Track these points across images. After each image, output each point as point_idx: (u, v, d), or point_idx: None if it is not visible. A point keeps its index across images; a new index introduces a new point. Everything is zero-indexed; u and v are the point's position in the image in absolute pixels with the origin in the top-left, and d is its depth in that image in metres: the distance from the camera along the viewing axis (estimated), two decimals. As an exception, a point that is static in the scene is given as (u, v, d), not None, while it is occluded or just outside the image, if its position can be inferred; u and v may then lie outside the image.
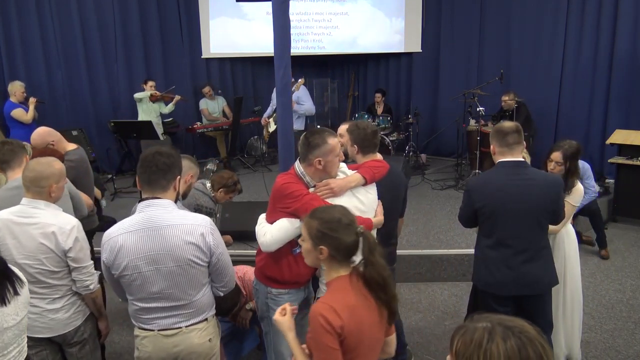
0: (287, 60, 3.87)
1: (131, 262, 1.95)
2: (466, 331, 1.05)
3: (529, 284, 2.55)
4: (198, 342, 2.08)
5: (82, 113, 7.34)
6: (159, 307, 2.02)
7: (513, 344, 0.99)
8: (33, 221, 2.21)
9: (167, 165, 2.00)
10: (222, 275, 2.12)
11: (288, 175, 2.29)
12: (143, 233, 1.95)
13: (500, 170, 2.58)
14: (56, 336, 2.32)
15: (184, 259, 1.97)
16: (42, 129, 3.41)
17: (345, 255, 1.64)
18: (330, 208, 1.73)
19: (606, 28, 6.55)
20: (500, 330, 1.02)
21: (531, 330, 1.04)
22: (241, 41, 8.54)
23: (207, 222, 2.05)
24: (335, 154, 2.23)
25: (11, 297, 1.64)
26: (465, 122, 6.98)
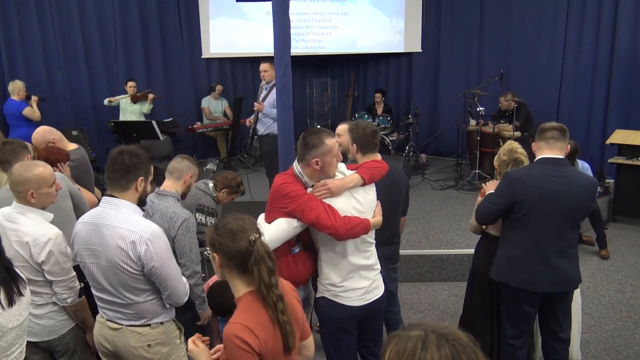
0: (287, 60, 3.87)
1: (79, 250, 2.05)
2: (399, 340, 1.00)
3: (564, 280, 2.56)
4: (134, 345, 2.07)
5: (82, 113, 7.34)
6: (105, 299, 2.08)
7: (447, 352, 0.96)
8: (14, 227, 2.16)
9: (127, 165, 2.00)
10: (161, 287, 2.06)
11: (286, 176, 2.29)
12: (90, 226, 2.02)
13: (540, 165, 2.58)
14: (42, 342, 2.28)
15: (113, 261, 1.98)
16: (42, 128, 3.41)
17: (238, 264, 1.55)
18: (231, 216, 1.62)
19: (606, 28, 6.55)
20: (434, 339, 0.98)
21: (464, 338, 1.00)
22: (241, 41, 8.54)
23: (148, 232, 1.96)
24: (332, 154, 2.22)
25: (17, 298, 1.64)
26: (465, 122, 6.98)
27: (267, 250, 1.55)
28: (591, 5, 6.68)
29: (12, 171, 2.21)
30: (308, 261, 2.36)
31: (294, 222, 2.18)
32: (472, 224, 3.02)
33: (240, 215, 1.62)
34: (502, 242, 2.69)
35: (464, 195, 6.32)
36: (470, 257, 4.28)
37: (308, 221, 2.16)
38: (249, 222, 1.59)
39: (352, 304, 2.29)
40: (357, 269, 2.29)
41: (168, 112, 7.55)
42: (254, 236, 1.55)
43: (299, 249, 2.33)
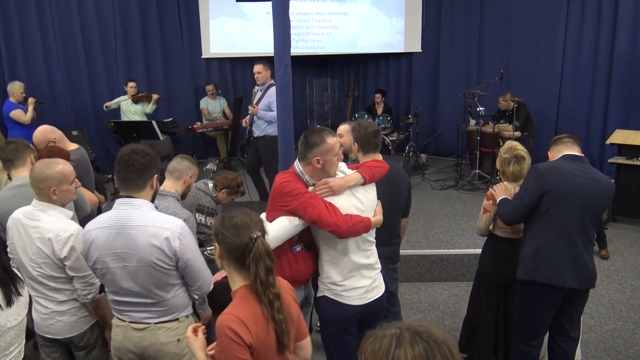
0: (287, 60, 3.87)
1: (100, 257, 1.98)
2: (375, 339, 1.02)
3: (586, 277, 2.57)
4: (164, 341, 2.07)
5: (82, 113, 7.34)
6: (130, 302, 2.04)
7: (421, 349, 0.98)
8: (35, 224, 2.19)
9: (143, 165, 1.99)
10: (193, 279, 2.09)
11: (287, 174, 2.29)
12: (112, 230, 1.97)
13: (566, 160, 2.60)
14: (64, 338, 2.31)
15: (147, 260, 1.95)
16: (43, 127, 3.41)
17: (236, 258, 1.57)
18: (239, 211, 1.64)
19: (606, 28, 6.55)
20: (408, 336, 1.00)
21: (438, 335, 1.02)
22: (241, 41, 8.54)
23: (177, 226, 2.00)
24: (334, 153, 2.23)
25: (15, 298, 1.65)
26: (465, 122, 6.98)
27: (267, 249, 1.55)
28: (591, 5, 6.68)
29: (34, 169, 2.23)
30: (309, 260, 2.37)
31: (295, 220, 2.19)
32: (480, 227, 3.01)
33: (248, 211, 1.63)
34: (526, 241, 2.66)
35: (464, 195, 6.32)
36: (471, 257, 4.30)
37: (310, 219, 2.17)
38: (254, 219, 1.60)
39: (353, 303, 2.30)
40: (358, 267, 2.30)
41: (168, 112, 7.55)
42: (256, 234, 1.55)
43: (300, 248, 2.34)
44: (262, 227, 1.60)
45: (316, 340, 3.53)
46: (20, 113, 5.76)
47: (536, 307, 2.64)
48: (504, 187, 2.86)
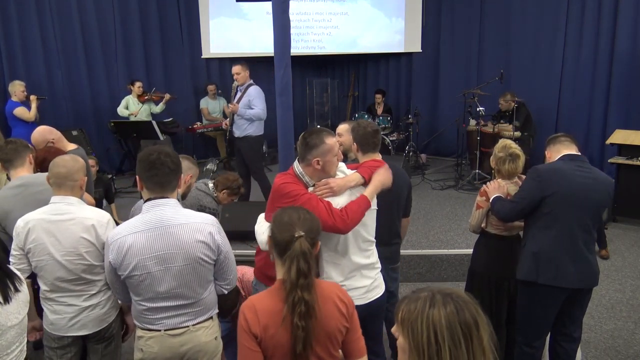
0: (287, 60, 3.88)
1: (140, 262, 1.94)
2: (410, 300, 1.16)
3: (589, 277, 2.57)
4: (205, 341, 2.09)
5: (82, 113, 7.34)
6: (167, 307, 2.01)
7: (452, 308, 1.11)
8: (70, 217, 2.22)
9: (176, 165, 2.03)
10: (227, 273, 2.14)
11: (286, 175, 2.29)
12: (152, 232, 1.95)
13: (566, 161, 2.60)
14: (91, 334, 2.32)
15: (194, 257, 1.98)
16: (42, 127, 3.42)
17: (279, 252, 1.64)
18: (292, 208, 1.72)
19: (606, 28, 6.55)
20: (440, 297, 1.13)
21: (466, 297, 1.16)
22: (241, 41, 8.54)
23: (214, 220, 2.08)
24: (333, 153, 2.22)
25: (12, 295, 1.64)
26: (465, 122, 6.98)
27: (304, 250, 1.58)
28: (591, 5, 6.68)
29: (62, 165, 2.26)
30: None
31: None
32: (472, 223, 3.03)
33: (302, 211, 1.70)
34: (527, 241, 2.66)
35: (464, 195, 6.32)
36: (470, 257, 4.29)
37: None
38: (302, 218, 1.66)
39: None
40: (358, 268, 2.29)
41: (168, 112, 7.55)
42: (299, 233, 1.60)
43: None
44: (309, 228, 1.64)
45: (316, 340, 3.53)
46: (24, 110, 5.80)
47: (538, 307, 2.64)
48: (498, 185, 2.85)
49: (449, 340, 1.09)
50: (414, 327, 1.12)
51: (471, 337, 1.10)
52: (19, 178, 2.74)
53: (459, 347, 1.09)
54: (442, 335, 1.09)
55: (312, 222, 1.67)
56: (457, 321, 1.10)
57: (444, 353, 1.08)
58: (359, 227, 2.28)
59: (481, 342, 1.12)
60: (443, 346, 1.09)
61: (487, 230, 2.95)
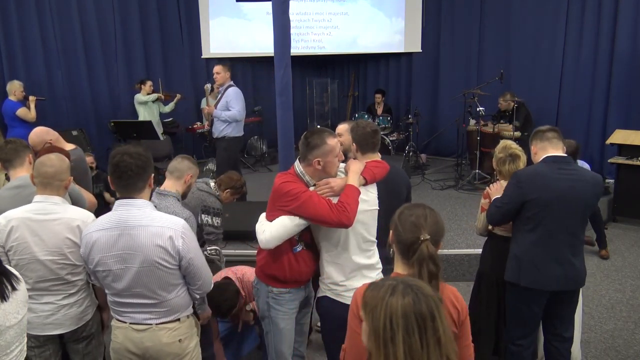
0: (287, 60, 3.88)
1: (102, 259, 1.99)
2: (374, 287, 1.25)
3: (573, 279, 2.56)
4: (166, 342, 2.08)
5: (82, 113, 7.34)
6: (131, 303, 2.04)
7: (410, 299, 1.18)
8: (55, 217, 2.21)
9: (140, 167, 1.99)
10: (194, 278, 2.10)
11: (287, 175, 2.29)
12: (114, 232, 1.97)
13: (548, 164, 2.58)
14: (66, 332, 2.31)
15: (150, 260, 1.96)
16: (39, 128, 3.41)
17: (402, 251, 1.63)
18: (420, 208, 1.67)
19: (606, 28, 6.55)
20: (402, 288, 1.21)
21: (429, 291, 1.23)
22: (241, 41, 8.54)
23: (180, 225, 2.02)
24: (334, 154, 2.23)
25: (10, 293, 1.63)
26: (465, 122, 6.98)
27: (431, 253, 1.57)
28: (591, 5, 6.68)
29: (50, 164, 2.25)
30: (310, 260, 2.37)
31: (295, 219, 2.19)
32: (478, 227, 3.01)
33: (429, 212, 1.65)
34: (512, 243, 2.68)
35: (464, 195, 6.32)
36: (471, 257, 4.30)
37: (310, 219, 2.17)
38: (428, 221, 1.62)
39: None
40: (359, 268, 2.29)
41: (168, 112, 7.54)
42: (425, 236, 1.58)
43: (301, 248, 2.33)
44: (435, 230, 1.62)
45: (316, 340, 3.53)
46: (26, 111, 5.81)
47: (521, 308, 2.66)
48: (500, 186, 2.85)
49: (403, 328, 1.16)
50: (374, 312, 1.20)
51: (425, 328, 1.17)
52: (18, 179, 2.74)
53: (412, 335, 1.16)
54: (397, 323, 1.17)
55: (437, 224, 1.64)
56: (413, 311, 1.17)
57: (398, 339, 1.16)
58: (360, 227, 2.28)
59: (436, 333, 1.18)
60: (397, 333, 1.16)
61: (494, 232, 2.95)
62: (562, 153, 2.62)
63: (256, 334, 3.21)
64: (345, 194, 2.18)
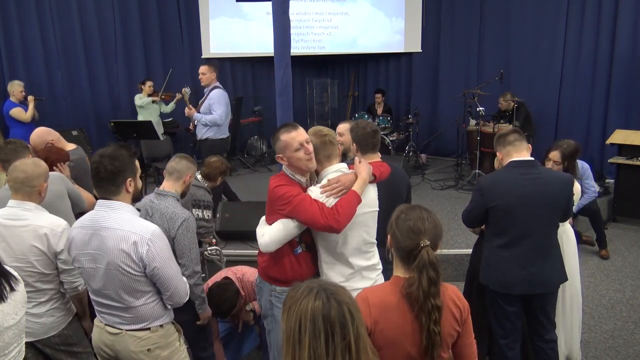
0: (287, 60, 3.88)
1: (77, 256, 2.02)
2: (294, 288, 1.27)
3: (540, 282, 2.56)
4: (134, 349, 2.05)
5: (82, 113, 7.34)
6: (104, 303, 2.05)
7: (320, 303, 1.19)
8: (23, 223, 2.19)
9: (112, 171, 1.95)
10: (163, 288, 2.06)
11: (279, 177, 2.29)
12: (88, 230, 1.99)
13: (510, 169, 2.58)
14: (39, 340, 2.28)
15: (114, 264, 1.95)
16: (40, 129, 3.42)
17: (401, 257, 1.62)
18: (417, 211, 1.65)
19: (606, 28, 6.54)
20: (316, 291, 1.22)
21: (345, 297, 1.24)
22: (241, 41, 8.54)
23: (149, 231, 1.97)
24: (292, 148, 2.18)
25: (8, 294, 1.63)
26: (465, 122, 6.98)
27: (432, 260, 1.55)
28: (591, 5, 6.67)
29: (20, 169, 2.22)
30: (311, 261, 2.36)
31: (293, 222, 2.18)
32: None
33: (426, 215, 1.64)
34: (483, 246, 2.73)
35: (464, 195, 6.31)
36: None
37: (304, 222, 2.17)
38: (427, 226, 1.60)
39: None
40: (359, 270, 2.29)
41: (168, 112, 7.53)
42: (425, 242, 1.56)
43: (302, 250, 2.33)
44: (434, 236, 1.60)
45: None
46: (20, 111, 5.77)
47: (497, 308, 2.67)
48: None
49: (310, 331, 1.17)
50: (289, 313, 1.23)
51: (332, 333, 1.17)
52: None
53: (317, 339, 1.17)
54: (305, 325, 1.18)
55: (436, 227, 1.63)
56: (321, 315, 1.18)
57: (305, 341, 1.17)
58: (360, 228, 2.28)
59: (344, 339, 1.18)
60: (304, 335, 1.18)
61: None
62: (526, 156, 2.59)
63: (256, 334, 3.21)
64: (345, 199, 2.16)
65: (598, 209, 4.79)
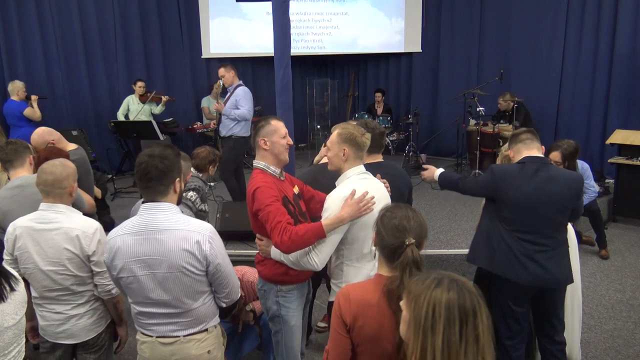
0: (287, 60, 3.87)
1: (126, 264, 1.91)
2: (419, 279, 1.29)
3: (548, 277, 2.56)
4: (195, 353, 1.99)
5: (82, 113, 7.34)
6: (157, 313, 1.95)
7: (455, 293, 1.22)
8: (55, 226, 2.18)
9: (162, 171, 1.90)
10: (222, 286, 2.02)
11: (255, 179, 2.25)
12: (139, 236, 1.90)
13: (521, 165, 2.59)
14: (79, 342, 2.30)
15: (177, 266, 1.88)
16: (41, 128, 3.41)
17: (386, 255, 1.62)
18: (403, 210, 1.65)
19: (606, 28, 6.55)
20: (447, 281, 1.25)
21: (472, 287, 1.26)
22: (241, 41, 8.55)
23: (207, 229, 1.94)
24: (279, 134, 2.28)
25: (8, 294, 1.63)
26: (465, 122, 6.98)
27: (415, 258, 1.56)
28: (591, 5, 6.68)
29: (49, 171, 2.21)
30: None
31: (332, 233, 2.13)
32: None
33: (412, 214, 1.64)
34: (483, 224, 2.70)
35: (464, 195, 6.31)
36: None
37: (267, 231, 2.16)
38: (412, 224, 1.60)
39: None
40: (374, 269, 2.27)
41: (168, 112, 7.55)
42: (409, 241, 1.57)
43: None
44: (418, 233, 1.60)
45: (316, 340, 3.53)
46: (32, 111, 5.83)
47: (503, 310, 2.66)
48: None
49: (445, 319, 1.20)
50: (417, 301, 1.24)
51: (466, 322, 1.20)
52: (18, 179, 2.74)
53: (452, 327, 1.19)
54: (440, 313, 1.20)
55: (421, 226, 1.63)
56: (457, 304, 1.21)
57: (438, 328, 1.20)
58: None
59: (475, 329, 1.21)
60: (439, 322, 1.20)
61: None
62: (537, 153, 2.61)
63: (256, 334, 3.21)
64: (305, 228, 2.09)
65: (598, 209, 4.79)
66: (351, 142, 2.22)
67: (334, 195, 2.20)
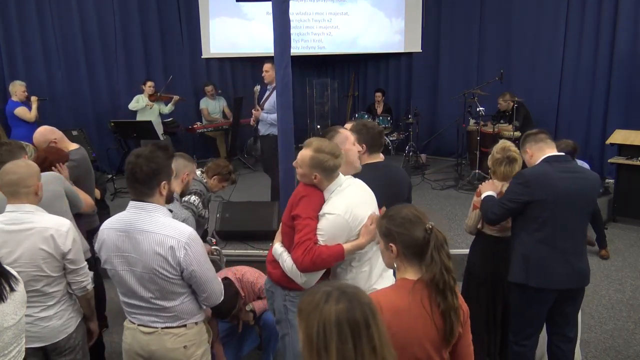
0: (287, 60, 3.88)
1: (109, 258, 1.99)
2: (310, 293, 1.24)
3: (581, 275, 2.57)
4: (170, 347, 2.03)
5: (82, 113, 7.34)
6: (137, 305, 2.03)
7: (344, 306, 1.17)
8: (27, 227, 2.11)
9: (146, 173, 1.90)
10: (199, 290, 2.04)
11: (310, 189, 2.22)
12: (121, 233, 1.95)
13: (549, 163, 2.58)
14: (47, 345, 2.24)
15: (150, 267, 1.92)
16: (43, 127, 3.41)
17: (415, 252, 1.58)
18: (400, 206, 1.66)
19: (606, 28, 6.55)
20: (336, 294, 1.19)
21: (364, 298, 1.22)
22: (241, 41, 8.54)
23: (185, 235, 1.93)
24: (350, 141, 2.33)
25: (8, 294, 1.63)
26: (465, 122, 6.98)
27: (444, 236, 1.57)
28: (591, 5, 6.68)
29: (12, 171, 2.13)
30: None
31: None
32: (468, 224, 3.00)
33: (411, 205, 1.68)
34: (516, 244, 2.64)
35: (464, 195, 6.32)
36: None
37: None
38: (421, 211, 1.62)
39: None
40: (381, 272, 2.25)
41: (168, 112, 7.55)
42: (430, 224, 1.58)
43: None
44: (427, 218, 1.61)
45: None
46: (24, 110, 5.80)
47: (529, 308, 2.64)
48: (492, 184, 2.85)
49: (336, 336, 1.15)
50: (308, 319, 1.19)
51: (359, 336, 1.16)
52: None
53: (345, 344, 1.15)
54: (330, 330, 1.15)
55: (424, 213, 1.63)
56: (347, 318, 1.16)
57: (331, 347, 1.14)
58: None
59: (371, 341, 1.17)
60: (331, 341, 1.15)
61: (483, 231, 2.94)
62: (558, 152, 2.64)
63: (256, 334, 3.21)
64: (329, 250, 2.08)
65: (598, 209, 4.78)
66: (322, 168, 2.13)
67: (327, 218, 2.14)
